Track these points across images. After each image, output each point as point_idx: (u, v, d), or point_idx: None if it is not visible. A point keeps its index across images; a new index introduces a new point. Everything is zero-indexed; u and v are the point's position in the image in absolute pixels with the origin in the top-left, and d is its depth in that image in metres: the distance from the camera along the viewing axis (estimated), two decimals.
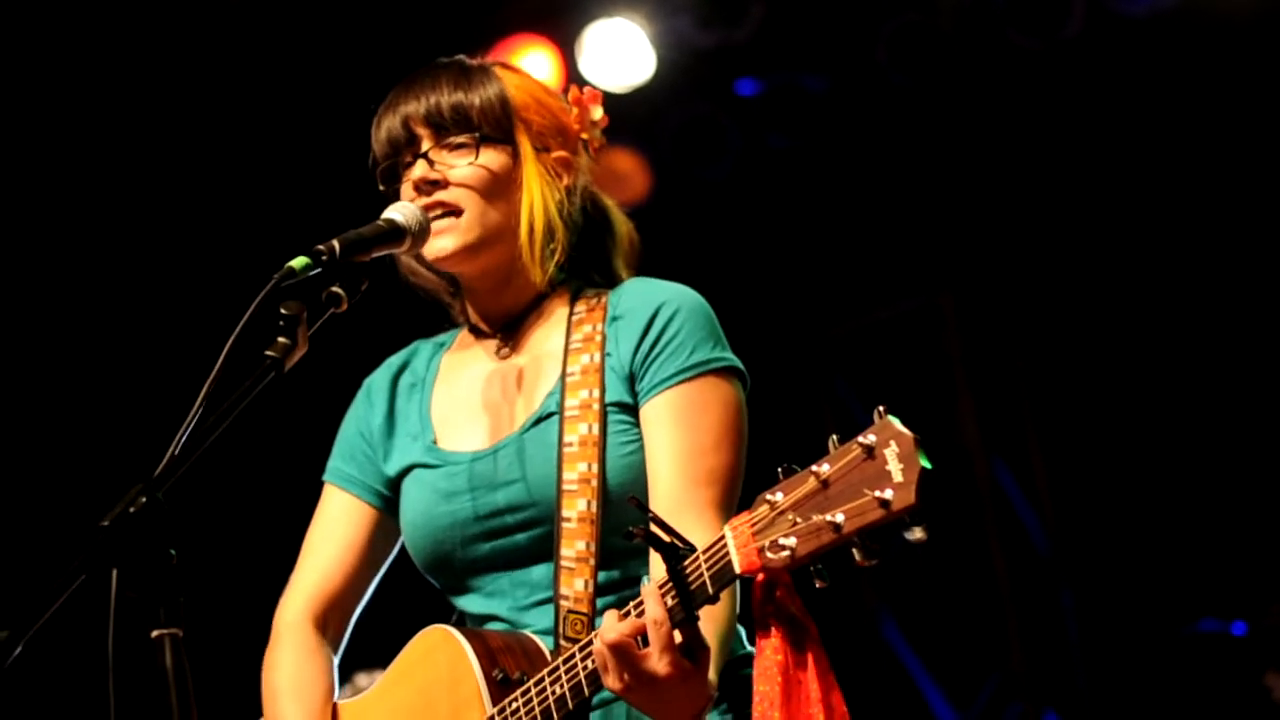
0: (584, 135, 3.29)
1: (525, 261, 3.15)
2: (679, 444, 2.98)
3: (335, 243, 2.89)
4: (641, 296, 3.12)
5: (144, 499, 2.52)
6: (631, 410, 3.06)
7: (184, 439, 2.60)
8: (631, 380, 3.07)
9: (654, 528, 2.60)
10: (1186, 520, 7.88)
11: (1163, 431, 7.96)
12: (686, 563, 2.61)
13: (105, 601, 2.51)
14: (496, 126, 3.15)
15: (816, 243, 8.20)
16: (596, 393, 3.05)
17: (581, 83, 3.40)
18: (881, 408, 2.45)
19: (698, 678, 2.67)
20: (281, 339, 2.76)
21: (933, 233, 8.25)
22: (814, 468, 2.47)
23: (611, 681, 2.68)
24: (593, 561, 2.96)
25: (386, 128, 3.16)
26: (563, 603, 2.97)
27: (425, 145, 3.13)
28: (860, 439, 2.44)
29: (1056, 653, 8.17)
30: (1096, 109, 7.73)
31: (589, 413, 3.04)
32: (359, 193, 3.21)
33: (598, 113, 3.32)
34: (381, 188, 3.19)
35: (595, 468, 2.99)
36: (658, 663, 2.64)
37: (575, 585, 2.95)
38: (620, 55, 7.28)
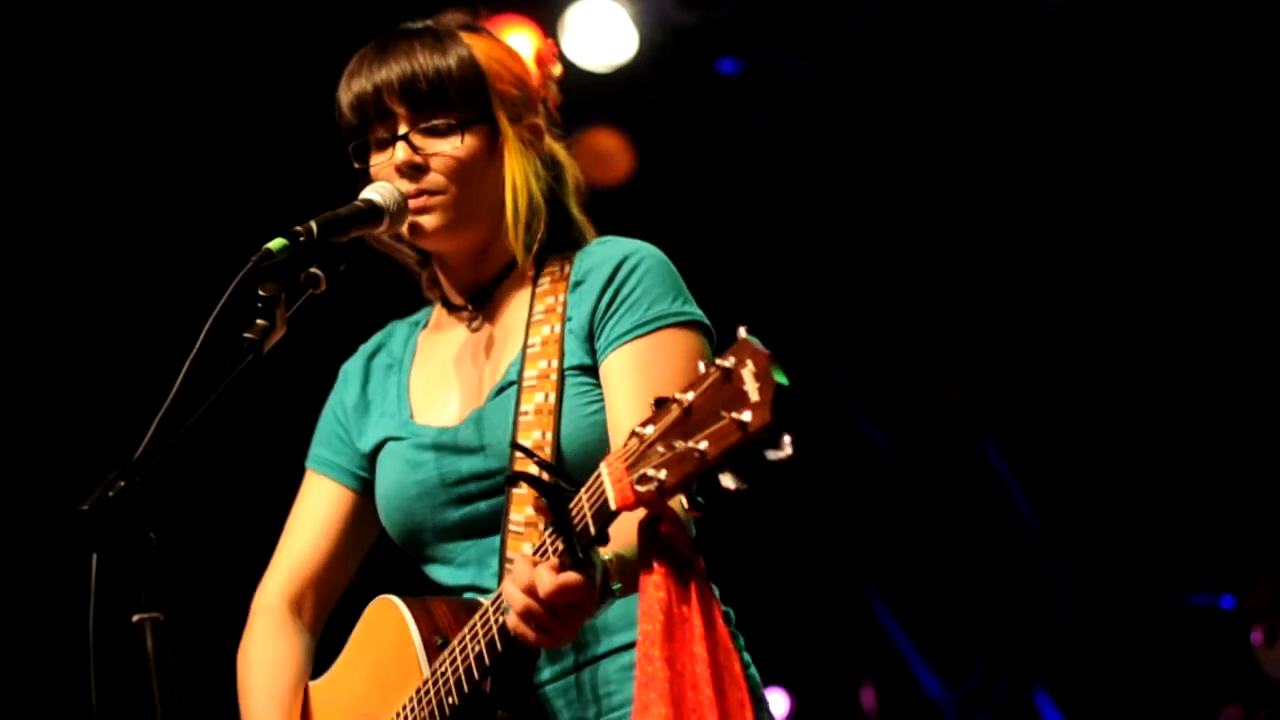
0: (543, 94, 3.25)
1: (509, 242, 3.13)
2: (637, 394, 2.93)
3: (313, 224, 2.88)
4: (601, 256, 3.10)
5: (123, 483, 2.52)
6: (592, 371, 3.04)
7: (162, 422, 2.60)
8: (591, 339, 3.05)
9: (539, 472, 2.58)
10: (1175, 494, 7.89)
11: (1150, 406, 7.97)
12: (571, 505, 2.58)
13: (86, 586, 2.50)
14: (475, 106, 3.10)
15: (802, 221, 8.20)
16: (555, 362, 3.04)
17: (565, 63, 3.37)
18: (743, 328, 2.38)
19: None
20: (260, 321, 2.77)
21: (919, 210, 8.24)
22: (677, 395, 2.42)
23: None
24: (541, 526, 2.92)
25: (358, 93, 3.10)
26: (509, 567, 2.94)
27: (403, 126, 3.08)
28: (719, 361, 2.37)
29: (1046, 628, 8.19)
30: (1081, 82, 7.72)
31: (546, 382, 3.02)
32: (335, 173, 3.19)
33: (557, 69, 3.29)
34: (356, 165, 3.15)
35: (549, 435, 2.97)
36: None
37: (523, 550, 2.91)
38: (603, 35, 7.27)
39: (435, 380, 3.23)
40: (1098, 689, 8.05)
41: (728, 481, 2.37)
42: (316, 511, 3.31)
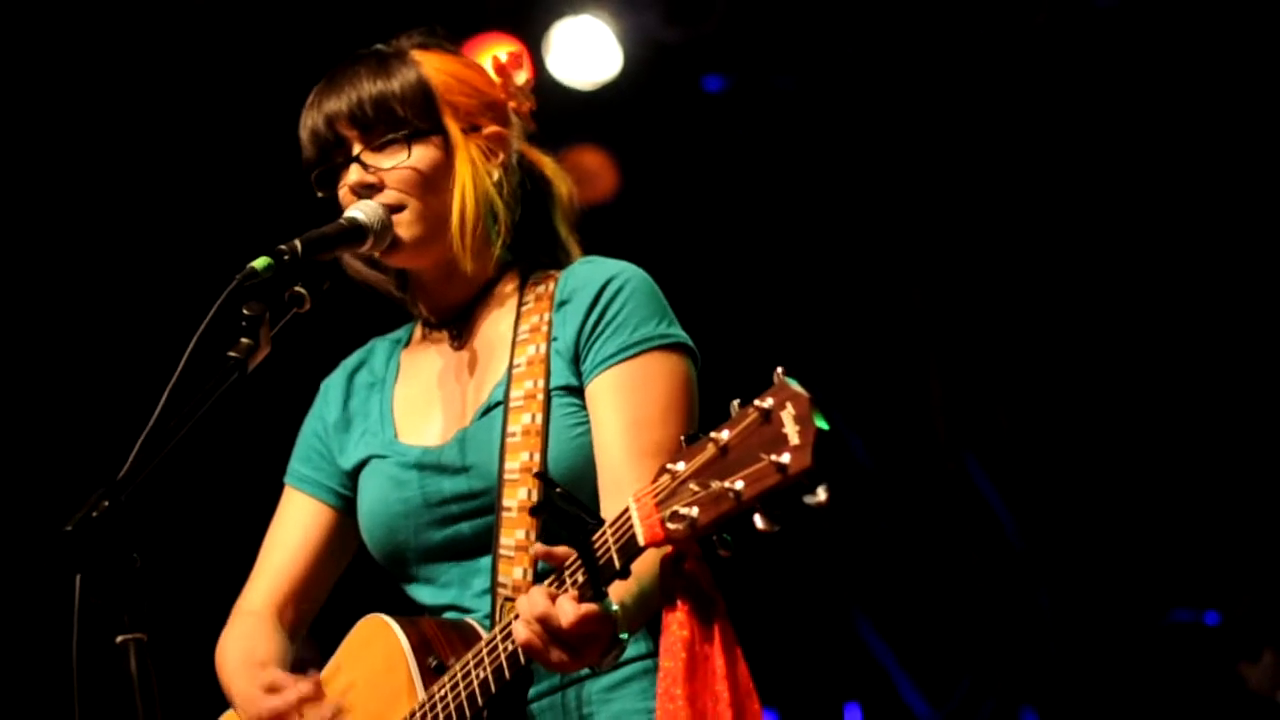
0: (511, 104, 3.25)
1: (459, 253, 3.11)
2: (624, 418, 2.95)
3: (297, 242, 2.89)
4: (586, 277, 3.10)
5: (107, 503, 2.51)
6: (578, 392, 3.04)
7: (146, 442, 2.59)
8: (577, 360, 3.05)
9: (560, 502, 2.57)
10: (1159, 511, 7.90)
11: (1134, 424, 7.98)
12: (595, 538, 2.57)
13: (69, 607, 2.50)
14: (423, 117, 3.10)
15: (786, 237, 8.20)
16: (541, 382, 3.03)
17: (550, 80, 3.36)
18: (780, 369, 2.39)
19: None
20: (244, 340, 2.77)
21: (902, 225, 8.25)
22: (713, 434, 2.42)
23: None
24: (532, 550, 2.93)
25: (311, 128, 3.12)
26: (500, 590, 2.95)
27: (355, 148, 3.10)
28: (757, 402, 2.37)
29: (1032, 647, 8.19)
30: (1063, 100, 7.74)
31: (533, 403, 3.02)
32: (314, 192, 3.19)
33: (522, 76, 3.27)
34: (320, 194, 3.15)
35: (537, 457, 2.97)
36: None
37: (514, 574, 2.93)
38: (587, 53, 7.27)
39: (419, 399, 3.23)
40: (1083, 706, 8.06)
41: (759, 523, 2.36)
42: (296, 528, 3.30)
